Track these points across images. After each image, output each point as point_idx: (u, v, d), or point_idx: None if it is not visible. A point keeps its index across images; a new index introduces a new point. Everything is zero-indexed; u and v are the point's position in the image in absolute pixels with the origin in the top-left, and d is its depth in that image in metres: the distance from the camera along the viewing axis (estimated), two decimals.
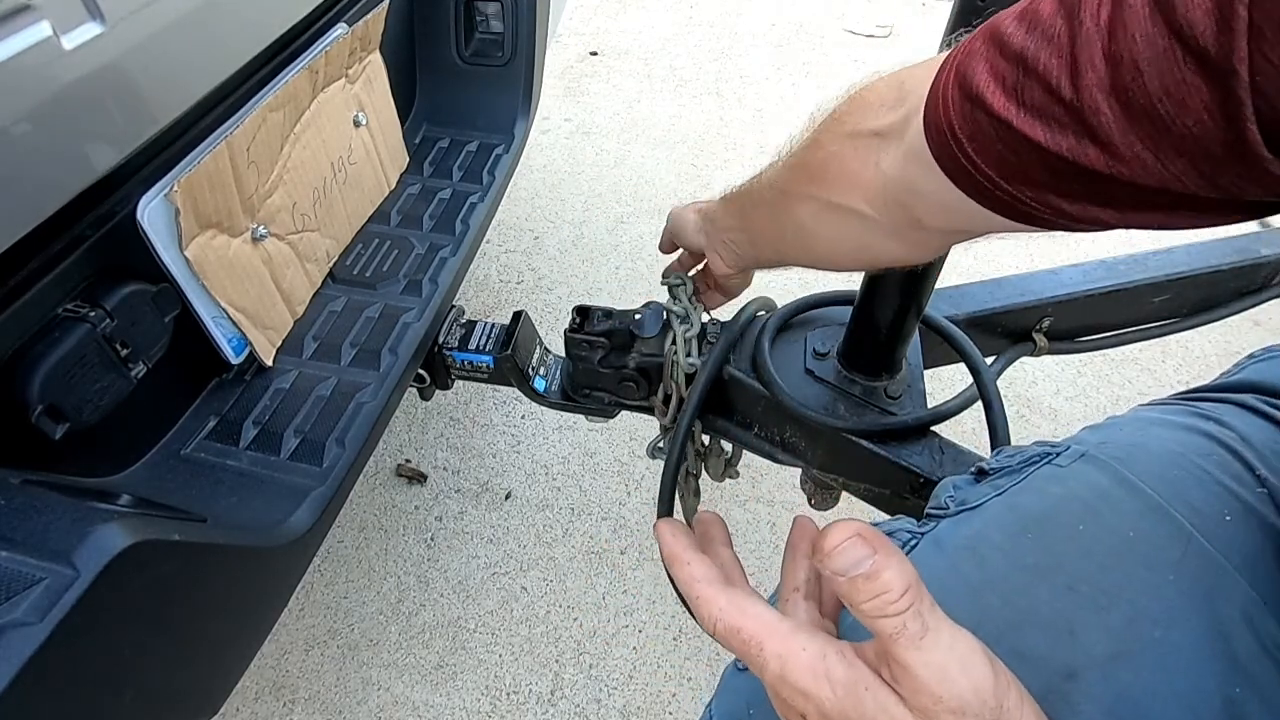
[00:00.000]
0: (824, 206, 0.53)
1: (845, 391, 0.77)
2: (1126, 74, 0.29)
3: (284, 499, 0.68)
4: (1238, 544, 0.42)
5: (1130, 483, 0.46)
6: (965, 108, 0.37)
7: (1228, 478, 0.45)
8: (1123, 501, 0.45)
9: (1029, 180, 0.36)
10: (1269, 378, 0.51)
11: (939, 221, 0.46)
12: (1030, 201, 0.37)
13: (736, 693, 0.50)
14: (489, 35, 1.15)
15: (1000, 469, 0.52)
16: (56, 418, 0.56)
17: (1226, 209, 0.32)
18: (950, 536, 0.48)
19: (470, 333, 0.90)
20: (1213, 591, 0.41)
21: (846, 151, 0.50)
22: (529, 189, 1.88)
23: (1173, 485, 0.45)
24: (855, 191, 0.49)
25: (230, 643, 0.65)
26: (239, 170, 0.70)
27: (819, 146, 0.53)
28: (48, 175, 0.51)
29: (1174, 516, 0.44)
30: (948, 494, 0.52)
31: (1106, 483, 0.47)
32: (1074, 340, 0.94)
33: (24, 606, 0.39)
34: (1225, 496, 0.45)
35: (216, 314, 0.71)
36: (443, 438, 1.36)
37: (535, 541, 1.22)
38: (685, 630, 1.11)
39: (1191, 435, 0.49)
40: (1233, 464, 0.46)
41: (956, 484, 0.53)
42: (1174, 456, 0.47)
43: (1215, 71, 0.26)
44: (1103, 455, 0.49)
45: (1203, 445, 0.48)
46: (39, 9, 0.48)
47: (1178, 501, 0.44)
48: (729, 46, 2.40)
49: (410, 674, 1.07)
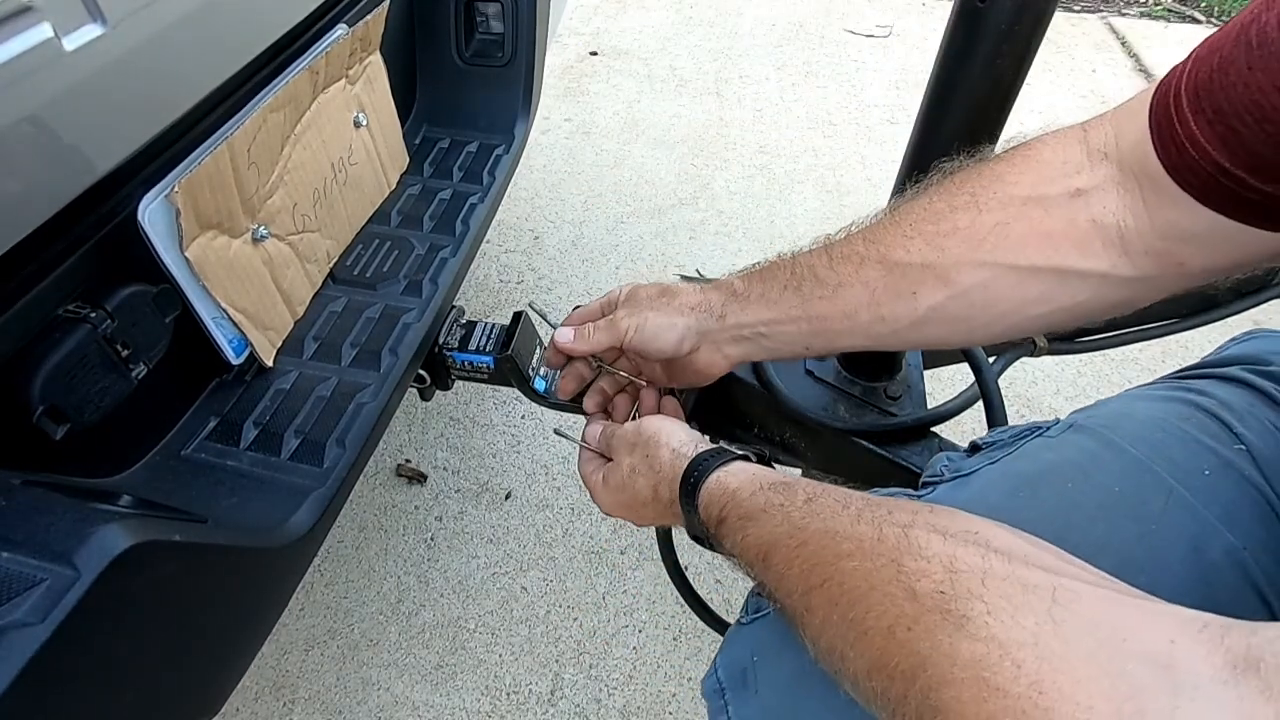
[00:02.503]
0: (1007, 271, 0.47)
1: (845, 392, 0.77)
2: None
3: (284, 499, 0.68)
4: (1217, 495, 0.45)
5: (1116, 445, 0.48)
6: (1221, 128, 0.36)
7: (1207, 437, 0.47)
8: (1109, 462, 0.47)
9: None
10: (1249, 351, 0.54)
11: (1209, 261, 0.43)
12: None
13: (740, 644, 0.51)
14: (489, 35, 1.15)
15: (993, 442, 0.54)
16: (57, 418, 0.56)
17: None
18: (947, 501, 0.50)
19: (470, 333, 0.90)
20: (1195, 539, 0.43)
21: (1034, 214, 0.46)
22: (529, 189, 1.88)
23: (1155, 446, 0.47)
24: (1065, 249, 0.46)
25: (230, 643, 0.65)
26: (239, 171, 0.70)
27: (980, 210, 0.48)
28: (49, 176, 0.51)
29: (1156, 473, 0.46)
30: (942, 464, 0.54)
31: (1094, 446, 0.49)
32: (1074, 340, 0.94)
33: (25, 607, 0.39)
34: (1205, 453, 0.47)
35: (217, 314, 0.71)
36: (443, 438, 1.36)
37: (535, 541, 1.22)
38: (685, 630, 1.11)
39: (1175, 404, 0.51)
40: (1211, 425, 0.48)
41: (950, 457, 0.55)
42: (1157, 421, 0.49)
43: None
44: (1090, 424, 0.51)
45: (1184, 411, 0.50)
46: (40, 10, 0.47)
47: (1160, 459, 0.46)
48: (729, 46, 2.40)
49: (410, 674, 1.07)
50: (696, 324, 0.60)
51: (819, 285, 0.54)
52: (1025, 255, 0.46)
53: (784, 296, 0.56)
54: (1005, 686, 0.27)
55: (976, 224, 0.48)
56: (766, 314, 0.57)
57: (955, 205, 0.49)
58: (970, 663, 0.28)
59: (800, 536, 0.40)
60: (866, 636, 0.33)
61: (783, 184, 1.91)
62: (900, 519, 0.37)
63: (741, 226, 1.75)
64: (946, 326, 0.51)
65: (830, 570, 0.37)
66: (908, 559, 0.34)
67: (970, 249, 0.48)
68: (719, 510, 0.47)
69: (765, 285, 0.57)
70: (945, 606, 0.31)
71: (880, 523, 0.37)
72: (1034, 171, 0.47)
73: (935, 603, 0.31)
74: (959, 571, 0.32)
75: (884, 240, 0.51)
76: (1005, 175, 0.47)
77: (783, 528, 0.41)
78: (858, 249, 0.53)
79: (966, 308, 0.50)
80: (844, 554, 0.37)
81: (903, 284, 0.51)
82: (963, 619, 0.30)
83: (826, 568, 0.37)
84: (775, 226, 1.75)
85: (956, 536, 0.34)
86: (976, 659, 0.28)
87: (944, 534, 0.34)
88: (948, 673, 0.29)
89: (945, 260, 0.49)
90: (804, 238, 0.59)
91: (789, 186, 1.88)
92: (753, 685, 0.48)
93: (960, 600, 0.30)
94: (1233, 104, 0.36)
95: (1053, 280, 0.47)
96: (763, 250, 1.69)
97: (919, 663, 0.30)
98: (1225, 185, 0.38)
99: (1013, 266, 0.47)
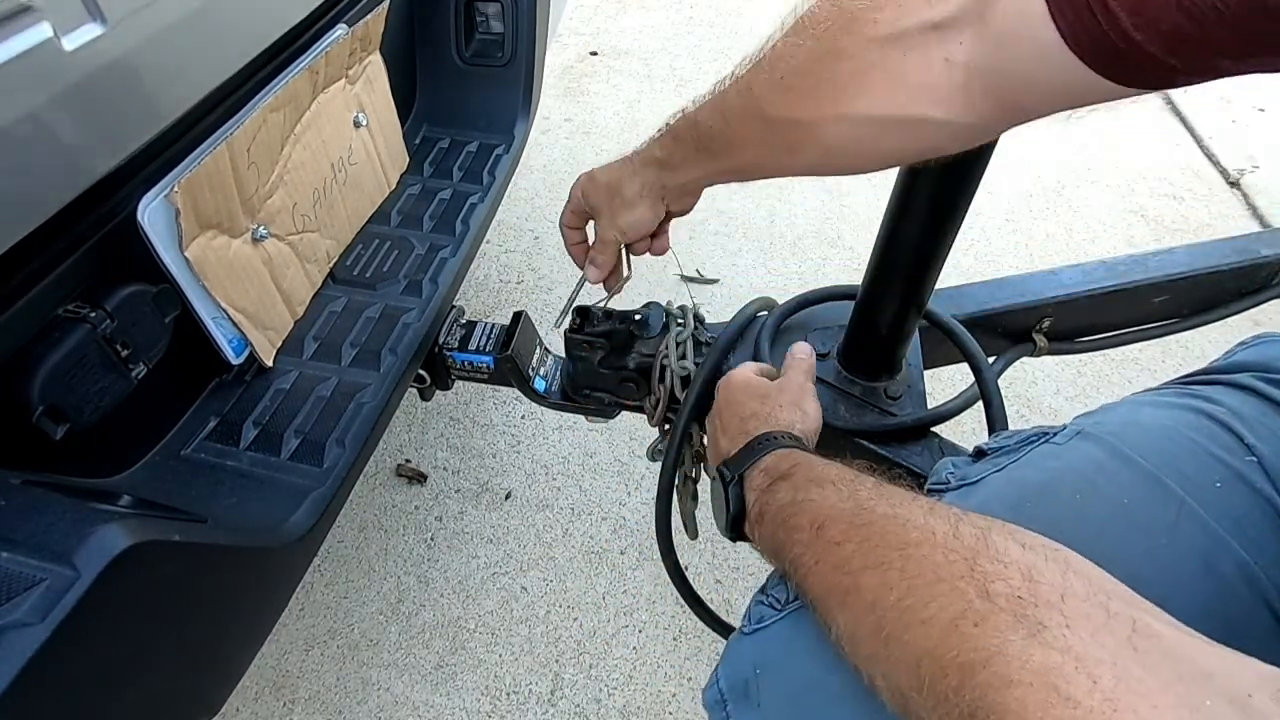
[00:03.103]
0: (867, 123, 0.48)
1: (845, 392, 0.77)
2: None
3: (284, 499, 0.68)
4: (1228, 509, 0.44)
5: (1125, 455, 0.47)
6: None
7: (1218, 448, 0.46)
8: (1118, 473, 0.47)
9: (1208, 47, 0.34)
10: (1259, 358, 0.53)
11: (1041, 105, 0.42)
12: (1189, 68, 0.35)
13: (742, 655, 0.50)
14: (489, 35, 1.16)
15: (999, 448, 0.53)
16: (57, 418, 0.56)
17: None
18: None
19: (470, 333, 0.90)
20: (1206, 554, 0.42)
21: (892, 56, 0.45)
22: (529, 189, 1.88)
23: (1165, 456, 0.47)
24: (921, 99, 0.45)
25: (230, 643, 0.65)
26: (239, 171, 0.70)
27: (841, 56, 0.47)
28: (48, 176, 0.51)
29: (1167, 485, 0.45)
30: (948, 470, 0.54)
31: (1102, 456, 0.48)
32: (1074, 340, 0.94)
33: (25, 607, 0.39)
34: (1216, 465, 0.46)
35: (217, 314, 0.71)
36: (443, 438, 1.36)
37: (535, 541, 1.22)
38: (685, 630, 1.11)
39: (1184, 412, 0.50)
40: (1223, 435, 0.47)
41: (955, 463, 0.55)
42: (1167, 430, 0.49)
43: None
44: (1098, 432, 0.50)
45: (1194, 420, 0.49)
46: (40, 10, 0.48)
47: (1170, 471, 0.46)
48: (729, 46, 2.40)
49: (410, 674, 1.07)
50: (652, 198, 0.68)
51: (719, 142, 0.58)
52: (884, 104, 0.46)
53: (699, 158, 0.61)
54: (1078, 698, 0.26)
55: (839, 73, 0.48)
56: (695, 172, 0.63)
57: (824, 52, 0.48)
58: (1043, 669, 0.27)
59: (865, 516, 0.39)
60: (924, 625, 0.32)
61: (782, 184, 1.90)
62: (978, 521, 0.36)
63: (741, 227, 1.75)
64: (830, 168, 0.56)
65: (892, 555, 0.36)
66: (983, 560, 0.33)
67: (834, 101, 0.48)
68: (789, 465, 0.49)
69: (682, 150, 0.62)
70: (1021, 611, 0.30)
71: (956, 520, 0.36)
72: (890, 6, 0.45)
73: (1010, 605, 0.30)
74: (1038, 582, 0.31)
75: (761, 92, 0.53)
76: (862, 15, 0.46)
77: (848, 503, 0.41)
78: (743, 101, 0.55)
79: (840, 158, 0.53)
80: (912, 542, 0.36)
81: (781, 140, 0.54)
82: (1039, 625, 0.29)
83: (889, 551, 0.36)
84: (775, 226, 1.75)
85: (1037, 550, 0.33)
86: (1050, 666, 0.27)
87: (1023, 545, 0.34)
88: (1015, 674, 0.27)
89: (815, 114, 0.50)
90: (804, 238, 0.60)
91: (789, 186, 1.88)
92: (755, 698, 0.47)
93: (1038, 609, 0.29)
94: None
95: (910, 130, 0.47)
96: (763, 250, 1.69)
97: (983, 659, 0.29)
98: (1100, 26, 0.36)
99: (871, 118, 0.47)
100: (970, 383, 0.77)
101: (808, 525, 0.42)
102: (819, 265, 1.65)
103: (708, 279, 1.63)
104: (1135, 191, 1.86)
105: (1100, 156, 1.96)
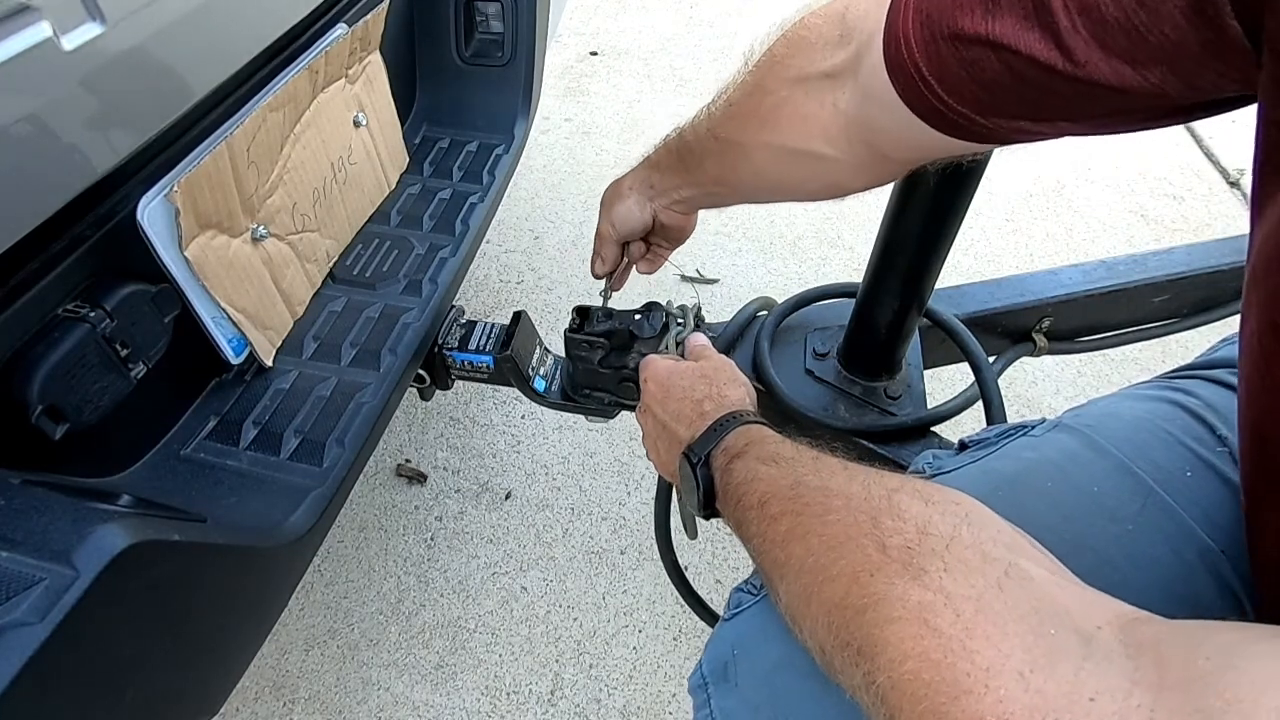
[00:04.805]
0: (781, 152, 0.54)
1: (845, 392, 0.77)
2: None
3: (284, 499, 0.68)
4: (1198, 497, 0.45)
5: (1098, 445, 0.49)
6: (933, 49, 0.39)
7: (1190, 439, 0.48)
8: (1091, 463, 0.48)
9: (1002, 112, 0.38)
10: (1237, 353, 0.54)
11: (904, 154, 0.48)
12: (1001, 128, 0.40)
13: (722, 640, 0.52)
14: (489, 35, 1.15)
15: (980, 441, 0.55)
16: (56, 418, 0.56)
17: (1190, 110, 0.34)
18: None
19: (470, 333, 0.90)
20: (1173, 541, 0.44)
21: (797, 96, 0.51)
22: (529, 189, 1.88)
23: (1138, 447, 0.48)
24: (815, 135, 0.51)
25: (230, 643, 0.65)
26: (239, 170, 0.70)
27: (765, 92, 0.53)
28: (48, 176, 0.51)
29: (1137, 474, 0.47)
30: (925, 461, 0.56)
31: (1076, 446, 0.50)
32: (1074, 340, 0.94)
33: (24, 607, 0.39)
34: (1187, 455, 0.47)
35: (216, 314, 0.71)
36: (443, 438, 1.36)
37: (535, 541, 1.22)
38: (685, 630, 1.11)
39: (1160, 404, 0.52)
40: (1196, 427, 0.49)
41: (936, 454, 0.57)
42: (1141, 422, 0.50)
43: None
44: (1075, 424, 0.52)
45: (1169, 412, 0.51)
46: (39, 9, 0.47)
47: (1142, 460, 0.47)
48: (729, 46, 2.40)
49: (410, 674, 1.07)
50: (640, 195, 0.73)
51: (693, 158, 0.65)
52: (790, 137, 0.52)
53: (678, 167, 0.67)
54: (942, 629, 0.29)
55: (762, 106, 0.54)
56: (676, 181, 0.69)
57: (755, 86, 0.54)
58: (917, 606, 0.30)
59: (798, 490, 0.42)
60: (833, 581, 0.35)
61: None
62: (890, 483, 0.38)
63: (741, 227, 1.75)
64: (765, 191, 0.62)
65: (814, 523, 0.38)
66: (885, 517, 0.36)
67: (758, 129, 0.55)
68: (744, 444, 0.51)
69: (669, 158, 0.68)
70: (908, 560, 0.33)
71: (870, 483, 0.39)
72: (801, 53, 0.51)
73: (900, 555, 0.33)
74: (929, 534, 0.34)
75: (716, 115, 0.60)
76: (784, 59, 0.52)
77: (788, 479, 0.43)
78: (706, 122, 0.61)
79: (773, 179, 0.58)
80: (831, 509, 0.38)
81: (728, 160, 0.60)
82: (920, 571, 0.32)
83: (812, 520, 0.39)
84: (775, 227, 1.75)
85: (938, 504, 0.36)
86: (923, 604, 0.30)
87: (927, 500, 0.36)
88: (894, 611, 0.31)
89: (746, 139, 0.56)
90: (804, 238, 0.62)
91: None
92: (733, 678, 0.49)
93: (923, 557, 0.32)
94: (937, 13, 0.38)
95: (810, 162, 0.53)
96: (763, 250, 1.69)
97: (872, 602, 0.32)
98: (921, 90, 0.40)
99: (783, 148, 0.53)
100: (970, 382, 0.77)
101: (756, 503, 0.44)
102: (819, 265, 1.65)
103: (708, 279, 1.63)
104: (1135, 191, 1.86)
105: (1100, 156, 1.96)
